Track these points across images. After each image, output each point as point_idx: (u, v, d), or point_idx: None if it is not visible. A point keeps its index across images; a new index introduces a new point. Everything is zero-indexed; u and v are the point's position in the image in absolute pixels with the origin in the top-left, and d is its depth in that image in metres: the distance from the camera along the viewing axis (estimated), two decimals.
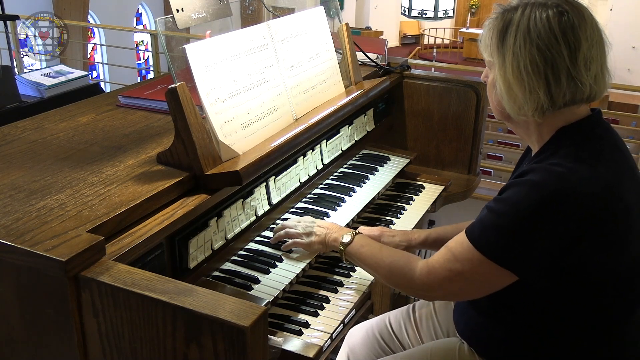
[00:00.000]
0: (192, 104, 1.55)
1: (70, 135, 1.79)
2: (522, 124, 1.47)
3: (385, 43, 2.77)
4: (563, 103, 1.36)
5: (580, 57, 1.32)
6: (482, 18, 18.58)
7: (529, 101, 1.36)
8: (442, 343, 1.73)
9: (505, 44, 1.38)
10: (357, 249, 1.64)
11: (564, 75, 1.33)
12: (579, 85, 1.34)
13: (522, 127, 1.49)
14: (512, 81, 1.37)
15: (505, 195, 1.36)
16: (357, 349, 1.97)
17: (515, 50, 1.35)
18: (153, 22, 12.34)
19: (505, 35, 1.38)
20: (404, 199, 2.30)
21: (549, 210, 1.30)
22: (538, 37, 1.33)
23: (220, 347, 1.07)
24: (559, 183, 1.30)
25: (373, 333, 1.96)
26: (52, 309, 1.19)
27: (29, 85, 3.51)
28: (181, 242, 1.51)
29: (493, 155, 7.80)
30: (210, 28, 1.99)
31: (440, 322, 1.88)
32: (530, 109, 1.37)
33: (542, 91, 1.34)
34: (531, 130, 1.46)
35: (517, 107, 1.39)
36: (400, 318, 1.94)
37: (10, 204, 1.36)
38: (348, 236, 1.67)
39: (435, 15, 10.57)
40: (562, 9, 1.33)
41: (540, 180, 1.31)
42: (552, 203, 1.29)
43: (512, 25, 1.37)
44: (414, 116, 2.68)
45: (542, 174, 1.32)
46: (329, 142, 2.16)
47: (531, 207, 1.30)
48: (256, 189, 1.79)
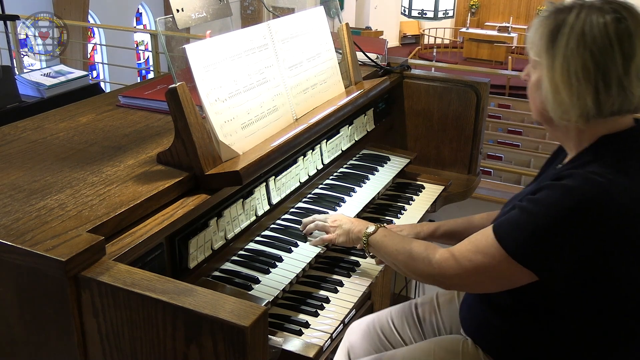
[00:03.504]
0: (192, 104, 1.55)
1: (70, 135, 1.79)
2: (561, 128, 1.44)
3: (385, 43, 2.77)
4: (610, 112, 1.33)
5: (633, 67, 1.29)
6: (482, 18, 18.64)
7: (575, 106, 1.33)
8: (445, 339, 1.73)
9: (557, 45, 1.33)
10: (380, 238, 1.66)
11: (614, 84, 1.29)
12: (628, 95, 1.31)
13: (561, 131, 1.45)
14: (560, 84, 1.33)
15: (539, 197, 1.34)
16: (357, 344, 1.96)
17: (567, 53, 1.31)
18: (153, 22, 12.34)
19: (557, 36, 1.33)
20: (404, 199, 2.30)
21: (582, 217, 1.28)
22: (592, 42, 1.29)
23: (220, 347, 1.07)
24: (596, 192, 1.27)
25: (374, 328, 1.95)
26: (52, 309, 1.19)
27: (29, 85, 3.50)
28: (181, 242, 1.51)
29: (493, 155, 7.81)
30: (210, 28, 1.99)
31: (444, 318, 1.88)
32: (575, 114, 1.34)
33: (590, 98, 1.31)
34: (571, 135, 1.43)
35: (562, 111, 1.36)
36: (402, 314, 1.94)
37: (10, 204, 1.36)
38: (372, 227, 1.70)
39: (435, 15, 10.58)
40: (620, 16, 1.30)
41: (577, 187, 1.29)
42: (587, 211, 1.27)
43: (565, 26, 1.32)
44: (414, 116, 2.68)
45: (580, 180, 1.29)
46: (329, 142, 2.16)
47: (565, 212, 1.28)
48: (256, 189, 1.79)
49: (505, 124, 9.27)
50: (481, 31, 17.14)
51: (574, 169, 1.35)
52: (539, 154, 7.90)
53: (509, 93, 11.08)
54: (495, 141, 8.41)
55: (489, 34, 16.79)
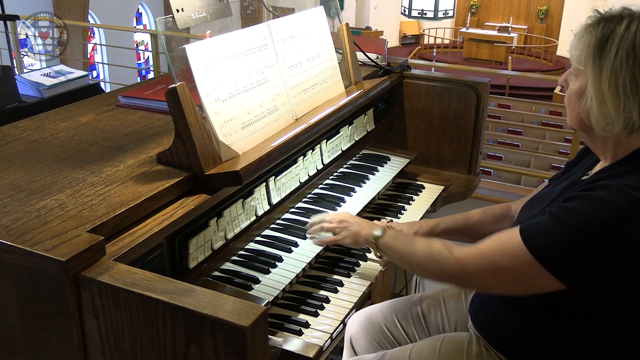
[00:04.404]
0: (192, 104, 1.55)
1: (70, 135, 1.79)
2: (600, 138, 1.42)
3: (385, 43, 2.77)
4: None
5: None
6: (482, 18, 18.64)
7: (621, 119, 1.32)
8: (451, 336, 1.73)
9: (604, 56, 1.31)
10: (391, 240, 1.64)
11: None
12: None
13: (598, 141, 1.44)
14: (606, 96, 1.32)
15: (572, 205, 1.33)
16: (359, 335, 1.96)
17: (616, 65, 1.30)
18: (153, 22, 12.35)
19: (604, 46, 1.31)
20: (404, 199, 2.30)
21: (616, 231, 1.27)
22: None
23: (220, 347, 1.07)
24: (631, 207, 1.27)
25: (377, 320, 1.95)
26: (52, 309, 1.19)
27: (29, 85, 3.50)
28: (181, 242, 1.51)
29: (493, 155, 7.81)
30: (210, 28, 1.99)
31: (449, 314, 1.87)
32: (619, 126, 1.33)
33: (637, 111, 1.30)
34: (608, 145, 1.42)
35: (606, 123, 1.34)
36: (407, 307, 1.94)
37: (10, 204, 1.36)
38: (380, 230, 1.67)
39: (435, 15, 10.60)
40: None
41: (612, 200, 1.28)
42: (620, 225, 1.27)
43: (614, 37, 1.30)
44: (414, 116, 2.68)
45: (616, 194, 1.28)
46: (329, 142, 2.16)
47: (598, 224, 1.28)
48: (256, 189, 1.79)
49: (505, 124, 9.28)
50: (481, 31, 17.15)
51: (609, 179, 1.34)
52: (539, 154, 7.91)
53: (509, 93, 11.10)
54: (495, 141, 8.41)
55: (489, 34, 16.80)
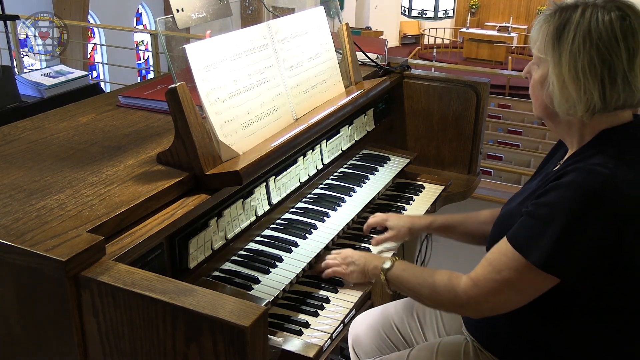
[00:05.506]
0: (192, 104, 1.55)
1: (70, 135, 1.79)
2: (564, 123, 1.46)
3: (385, 43, 2.77)
4: (615, 107, 1.36)
5: (637, 62, 1.33)
6: (482, 18, 18.65)
7: (582, 101, 1.35)
8: (447, 341, 1.73)
9: (563, 41, 1.36)
10: (399, 273, 1.63)
11: (620, 79, 1.33)
12: (633, 90, 1.34)
13: (563, 126, 1.47)
14: (567, 80, 1.36)
15: (547, 200, 1.35)
16: (361, 338, 1.99)
17: (574, 50, 1.34)
18: (153, 22, 12.35)
19: (562, 33, 1.36)
20: (404, 199, 2.30)
21: (592, 211, 1.29)
22: (599, 39, 1.32)
23: (220, 347, 1.07)
24: (602, 184, 1.29)
25: (376, 325, 1.97)
26: (52, 309, 1.19)
27: (29, 85, 3.50)
28: (181, 242, 1.51)
29: (493, 155, 7.82)
30: (210, 28, 1.99)
31: (444, 319, 1.88)
32: (581, 109, 1.36)
33: (597, 93, 1.34)
34: (573, 130, 1.46)
35: (569, 106, 1.38)
36: (404, 313, 1.95)
37: (10, 204, 1.36)
38: (388, 262, 1.66)
39: (435, 15, 10.59)
40: (624, 14, 1.33)
41: (583, 181, 1.30)
42: (595, 204, 1.29)
43: (571, 23, 1.35)
44: (414, 116, 2.68)
45: (586, 174, 1.31)
46: (329, 142, 2.16)
47: (576, 209, 1.30)
48: (256, 189, 1.79)
49: (505, 124, 9.29)
50: (481, 31, 17.15)
51: (577, 163, 1.37)
52: (539, 154, 7.91)
53: (509, 93, 11.09)
54: (495, 141, 8.42)
55: (489, 34, 16.80)
